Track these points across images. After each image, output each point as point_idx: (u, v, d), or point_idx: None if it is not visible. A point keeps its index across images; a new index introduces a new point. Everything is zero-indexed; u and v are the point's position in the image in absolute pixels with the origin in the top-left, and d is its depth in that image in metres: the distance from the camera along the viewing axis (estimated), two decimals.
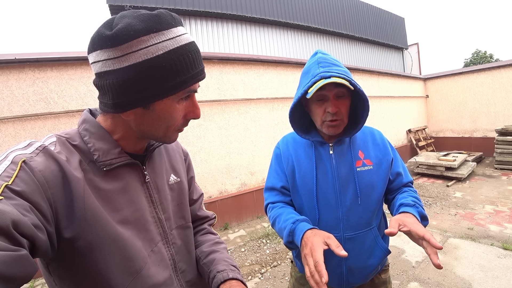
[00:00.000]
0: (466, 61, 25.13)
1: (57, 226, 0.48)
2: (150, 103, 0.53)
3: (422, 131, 7.77)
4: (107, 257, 0.53)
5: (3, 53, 2.62)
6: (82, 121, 0.60)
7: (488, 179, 5.10)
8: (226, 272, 0.70)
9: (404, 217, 0.82)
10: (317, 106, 0.96)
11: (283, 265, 2.82)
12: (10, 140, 2.62)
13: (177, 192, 0.74)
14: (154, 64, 0.49)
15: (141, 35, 0.48)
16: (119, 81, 0.50)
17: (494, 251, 2.69)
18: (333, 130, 0.96)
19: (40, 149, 0.50)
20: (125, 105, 0.52)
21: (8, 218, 0.37)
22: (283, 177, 1.08)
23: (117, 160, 0.58)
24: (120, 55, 0.49)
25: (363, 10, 10.57)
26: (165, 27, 0.51)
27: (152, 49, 0.49)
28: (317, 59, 0.95)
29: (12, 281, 0.35)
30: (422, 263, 2.64)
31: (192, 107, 0.60)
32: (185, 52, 0.52)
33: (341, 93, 0.92)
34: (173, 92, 0.53)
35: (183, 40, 0.53)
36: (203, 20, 7.09)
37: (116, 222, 0.55)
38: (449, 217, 3.64)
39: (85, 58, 2.90)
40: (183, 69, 0.52)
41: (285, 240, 0.91)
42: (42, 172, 0.46)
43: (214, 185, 3.88)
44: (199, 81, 0.57)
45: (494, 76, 6.67)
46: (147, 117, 0.56)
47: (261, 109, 4.32)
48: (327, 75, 0.87)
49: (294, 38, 8.73)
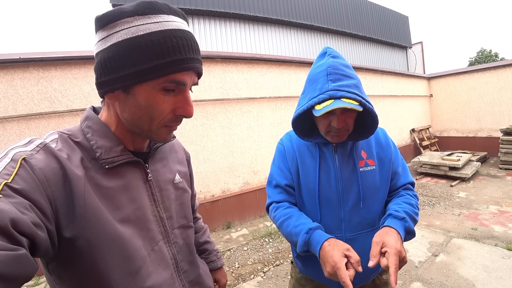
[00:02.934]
0: (471, 60, 24.94)
1: (57, 224, 0.47)
2: (129, 86, 0.51)
3: (425, 131, 7.72)
4: (107, 257, 0.52)
5: (8, 53, 2.64)
6: (84, 118, 0.59)
7: (493, 179, 5.06)
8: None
9: (385, 236, 0.80)
10: (322, 119, 0.92)
11: (285, 264, 2.83)
12: (15, 139, 2.64)
13: (181, 192, 0.74)
14: (132, 44, 0.49)
15: (126, 16, 0.49)
16: (101, 61, 0.51)
17: (498, 251, 2.67)
18: (337, 139, 0.94)
19: (40, 147, 0.49)
20: (106, 85, 0.52)
21: (7, 216, 0.36)
22: (288, 174, 1.05)
23: (119, 158, 0.57)
24: (106, 36, 0.50)
25: (367, 8, 10.50)
26: (153, 12, 0.50)
27: (133, 30, 0.49)
28: (326, 68, 0.88)
29: (11, 280, 0.34)
30: (425, 263, 2.63)
31: (183, 103, 0.56)
32: (169, 35, 0.50)
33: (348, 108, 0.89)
34: (150, 76, 0.50)
35: (171, 25, 0.51)
36: (206, 19, 7.08)
37: (116, 220, 0.55)
38: (452, 217, 3.62)
39: (89, 57, 2.93)
40: (163, 53, 0.49)
41: (300, 250, 0.88)
42: (42, 170, 0.46)
43: (217, 184, 3.89)
44: (184, 70, 0.53)
45: (500, 75, 6.60)
46: (128, 104, 0.54)
47: (264, 108, 4.32)
48: (338, 94, 0.82)
49: (297, 37, 8.69)
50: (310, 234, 0.87)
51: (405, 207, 0.92)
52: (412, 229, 0.88)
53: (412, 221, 0.90)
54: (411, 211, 0.91)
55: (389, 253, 0.74)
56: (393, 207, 0.93)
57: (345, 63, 0.91)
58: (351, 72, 0.90)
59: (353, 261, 0.75)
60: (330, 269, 0.76)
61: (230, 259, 3.00)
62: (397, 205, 0.94)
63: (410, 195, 1.00)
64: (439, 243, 2.96)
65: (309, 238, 0.86)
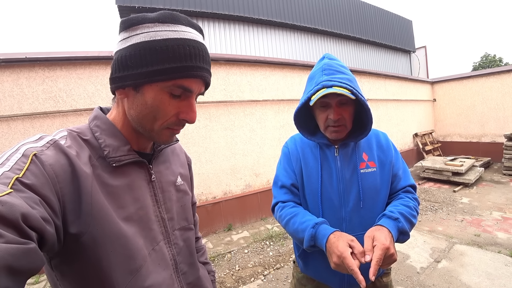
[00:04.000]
0: (475, 65, 24.87)
1: (64, 220, 0.48)
2: (139, 84, 0.54)
3: (428, 135, 7.69)
4: (110, 254, 0.53)
5: (14, 52, 2.67)
6: (93, 117, 0.61)
7: (496, 185, 5.02)
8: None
9: (376, 232, 0.82)
10: (320, 112, 0.99)
11: (286, 267, 2.81)
12: (19, 137, 2.66)
13: (182, 194, 0.75)
14: (148, 46, 0.52)
15: (147, 22, 0.53)
16: (118, 58, 0.55)
17: (501, 258, 2.65)
18: (335, 135, 0.98)
19: (51, 143, 0.50)
20: (118, 81, 0.55)
21: (18, 211, 0.37)
22: (293, 175, 1.09)
23: (126, 157, 0.59)
24: (127, 36, 0.54)
25: (371, 12, 10.52)
26: (173, 22, 0.54)
27: (151, 34, 0.53)
28: (322, 66, 0.97)
29: (20, 273, 0.35)
30: (427, 269, 2.61)
31: (187, 108, 0.59)
32: (183, 43, 0.53)
33: (344, 100, 0.94)
34: (160, 77, 0.53)
35: (186, 35, 0.55)
36: (210, 22, 7.13)
37: (120, 219, 0.55)
38: (455, 223, 3.59)
39: (94, 57, 2.95)
40: (175, 58, 0.53)
41: (306, 245, 0.90)
42: (52, 165, 0.47)
43: (219, 185, 3.89)
44: (193, 77, 0.55)
45: (504, 80, 6.57)
46: (136, 101, 0.56)
47: (267, 111, 4.32)
48: (329, 84, 0.89)
49: (301, 40, 8.72)
50: (316, 229, 0.89)
51: (400, 209, 0.93)
52: (406, 230, 0.89)
53: (407, 222, 0.91)
54: (407, 212, 0.93)
55: (376, 246, 0.76)
56: (389, 208, 0.96)
57: (341, 64, 0.99)
58: (345, 70, 0.98)
59: (356, 252, 0.76)
60: (336, 259, 0.77)
61: (230, 262, 2.99)
62: (393, 206, 0.96)
63: (409, 197, 1.02)
64: (441, 249, 2.94)
65: (315, 232, 0.88)
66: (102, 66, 3.04)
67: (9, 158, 0.45)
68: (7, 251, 0.33)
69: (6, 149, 2.60)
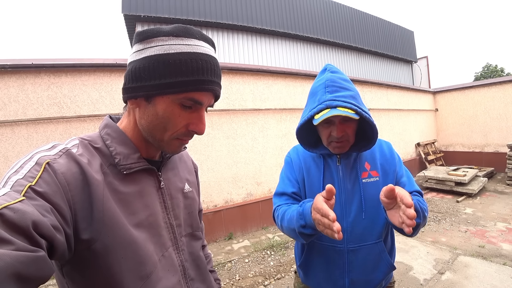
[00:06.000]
0: (477, 75, 24.90)
1: (75, 228, 0.48)
2: (151, 95, 0.55)
3: (431, 145, 7.66)
4: (121, 261, 0.53)
5: (21, 58, 2.71)
6: (104, 125, 0.62)
7: (500, 196, 4.97)
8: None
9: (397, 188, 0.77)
10: (323, 128, 0.98)
11: (287, 277, 2.77)
12: (23, 143, 2.68)
13: (190, 201, 0.76)
14: (162, 59, 0.53)
15: (162, 35, 0.55)
16: (132, 69, 0.56)
17: (506, 270, 2.59)
18: (338, 150, 0.98)
19: (63, 151, 0.51)
20: (131, 91, 0.57)
21: (29, 218, 0.37)
22: (295, 184, 1.08)
23: (136, 165, 0.60)
24: (142, 48, 0.55)
25: (372, 23, 10.64)
26: (186, 36, 0.56)
27: (166, 47, 0.54)
28: (325, 82, 0.94)
29: (29, 281, 0.35)
30: (430, 281, 2.56)
31: (197, 120, 0.60)
32: (195, 57, 0.55)
33: (347, 117, 0.92)
34: (172, 90, 0.54)
35: (199, 49, 0.56)
36: (214, 31, 7.23)
37: (131, 225, 0.56)
38: (459, 233, 3.54)
39: (99, 65, 2.99)
40: (187, 71, 0.54)
41: (298, 225, 0.86)
42: (64, 174, 0.48)
43: (220, 194, 3.88)
44: (203, 90, 0.57)
45: (506, 91, 6.58)
46: (147, 112, 0.57)
47: (269, 120, 4.34)
48: (333, 104, 0.88)
49: (303, 50, 8.81)
50: (303, 207, 0.86)
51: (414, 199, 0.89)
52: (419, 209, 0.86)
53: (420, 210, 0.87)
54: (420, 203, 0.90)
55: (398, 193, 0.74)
56: None
57: (343, 77, 0.97)
58: (348, 85, 0.96)
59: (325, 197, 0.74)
60: (314, 214, 0.75)
61: (230, 271, 2.96)
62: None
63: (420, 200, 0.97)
64: (445, 261, 2.89)
65: (302, 210, 0.86)
66: (106, 73, 3.08)
67: (23, 166, 0.46)
68: (16, 259, 0.33)
69: (9, 154, 2.62)
